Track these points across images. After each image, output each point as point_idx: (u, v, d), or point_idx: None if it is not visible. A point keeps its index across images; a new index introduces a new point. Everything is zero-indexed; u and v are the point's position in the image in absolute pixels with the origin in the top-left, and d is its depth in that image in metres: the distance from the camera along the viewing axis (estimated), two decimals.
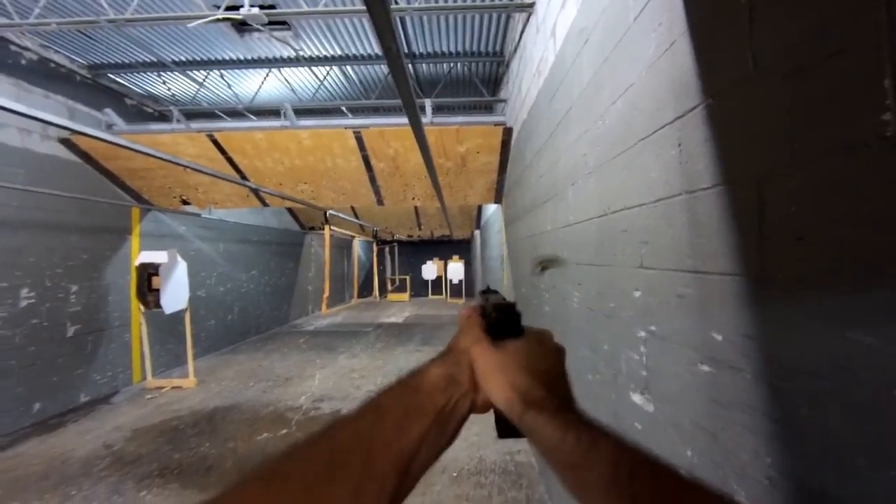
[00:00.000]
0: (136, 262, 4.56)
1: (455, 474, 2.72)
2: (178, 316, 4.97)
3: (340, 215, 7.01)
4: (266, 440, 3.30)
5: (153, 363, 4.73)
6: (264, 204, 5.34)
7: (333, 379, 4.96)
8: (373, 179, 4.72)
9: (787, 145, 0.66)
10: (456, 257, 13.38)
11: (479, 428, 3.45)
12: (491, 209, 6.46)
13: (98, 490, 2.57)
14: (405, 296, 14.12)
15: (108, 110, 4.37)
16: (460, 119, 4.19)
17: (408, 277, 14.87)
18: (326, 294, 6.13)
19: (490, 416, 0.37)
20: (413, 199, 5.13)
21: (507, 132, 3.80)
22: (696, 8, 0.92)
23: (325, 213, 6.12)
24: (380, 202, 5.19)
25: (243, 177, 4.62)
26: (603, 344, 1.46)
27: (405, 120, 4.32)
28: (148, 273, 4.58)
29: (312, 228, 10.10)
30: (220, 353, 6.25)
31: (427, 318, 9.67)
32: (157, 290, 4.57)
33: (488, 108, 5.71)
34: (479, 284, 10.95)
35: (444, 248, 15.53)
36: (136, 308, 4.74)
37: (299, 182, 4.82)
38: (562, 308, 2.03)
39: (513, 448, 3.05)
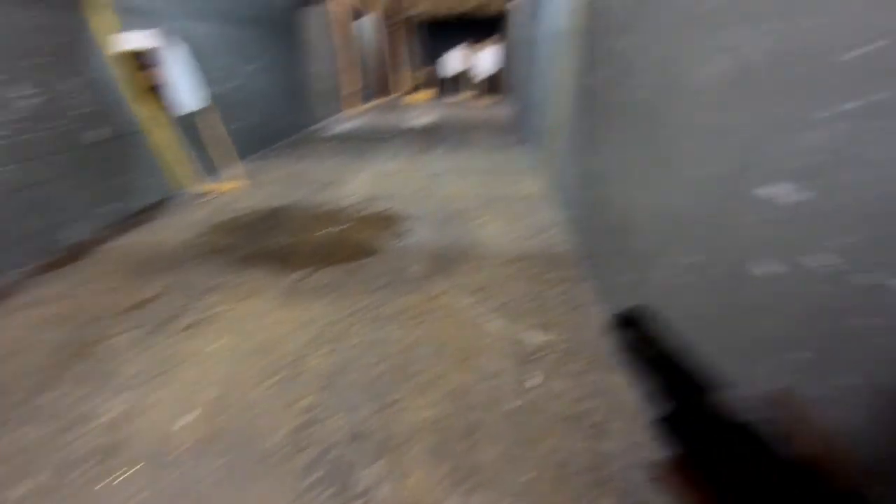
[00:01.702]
0: (119, 50, 3.82)
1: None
2: (190, 120, 4.65)
3: None
4: (329, 233, 3.67)
5: (190, 170, 4.74)
6: None
7: (373, 181, 5.07)
8: None
9: None
10: (486, 42, 11.00)
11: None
12: None
13: (210, 266, 3.07)
14: (426, 95, 12.66)
15: None
16: None
17: (427, 73, 12.93)
18: (350, 91, 5.43)
19: None
20: None
21: None
22: None
23: None
24: None
25: None
26: None
27: None
28: (142, 64, 3.94)
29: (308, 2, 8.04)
30: (251, 161, 6.23)
31: (456, 121, 9.00)
32: (158, 88, 4.06)
33: None
34: (512, 83, 9.43)
35: (477, 30, 12.69)
36: (145, 108, 4.28)
37: None
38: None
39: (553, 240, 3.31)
